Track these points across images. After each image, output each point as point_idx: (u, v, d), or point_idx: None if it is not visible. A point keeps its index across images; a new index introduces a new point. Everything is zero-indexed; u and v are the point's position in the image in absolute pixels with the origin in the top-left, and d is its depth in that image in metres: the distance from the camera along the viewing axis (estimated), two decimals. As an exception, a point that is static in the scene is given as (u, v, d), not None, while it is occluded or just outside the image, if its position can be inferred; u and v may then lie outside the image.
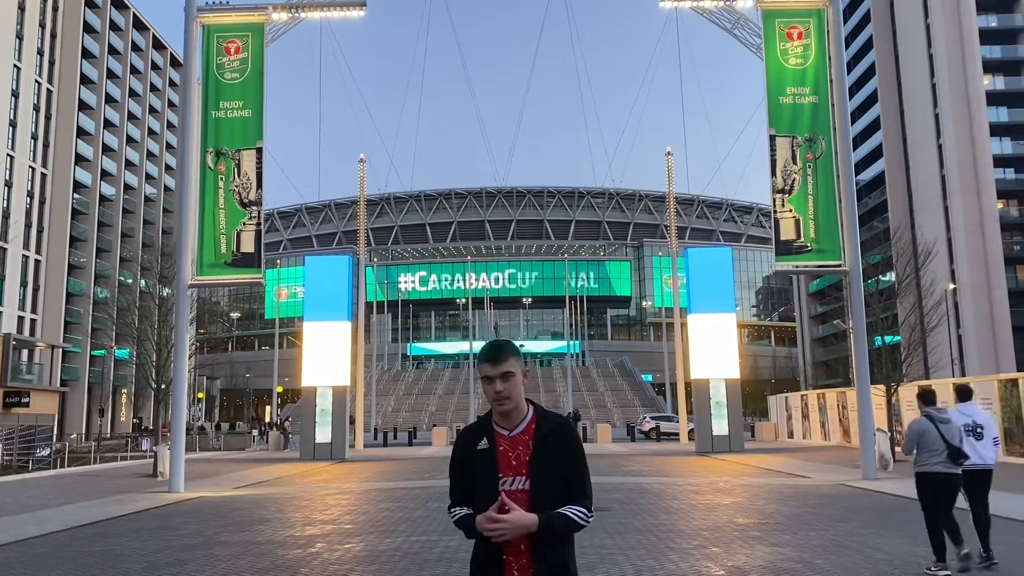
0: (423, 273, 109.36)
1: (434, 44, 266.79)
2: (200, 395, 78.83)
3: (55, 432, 39.05)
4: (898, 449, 24.68)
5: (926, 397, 8.92)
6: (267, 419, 76.63)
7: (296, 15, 22.82)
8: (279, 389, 65.70)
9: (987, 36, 67.28)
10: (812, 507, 14.18)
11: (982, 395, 24.68)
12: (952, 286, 59.48)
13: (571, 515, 3.01)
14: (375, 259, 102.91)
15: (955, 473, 8.46)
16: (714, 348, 32.44)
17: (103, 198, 79.41)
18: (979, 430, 9.02)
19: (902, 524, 11.97)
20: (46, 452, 30.52)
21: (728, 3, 23.81)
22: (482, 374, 3.09)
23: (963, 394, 9.47)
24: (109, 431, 72.12)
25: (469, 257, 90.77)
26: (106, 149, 79.94)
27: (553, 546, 3.02)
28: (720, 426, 31.92)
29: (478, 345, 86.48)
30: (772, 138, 21.15)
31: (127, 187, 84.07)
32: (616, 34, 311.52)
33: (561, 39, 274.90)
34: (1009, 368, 57.42)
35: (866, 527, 11.71)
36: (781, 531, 11.44)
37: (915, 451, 8.58)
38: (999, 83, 67.30)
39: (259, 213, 20.92)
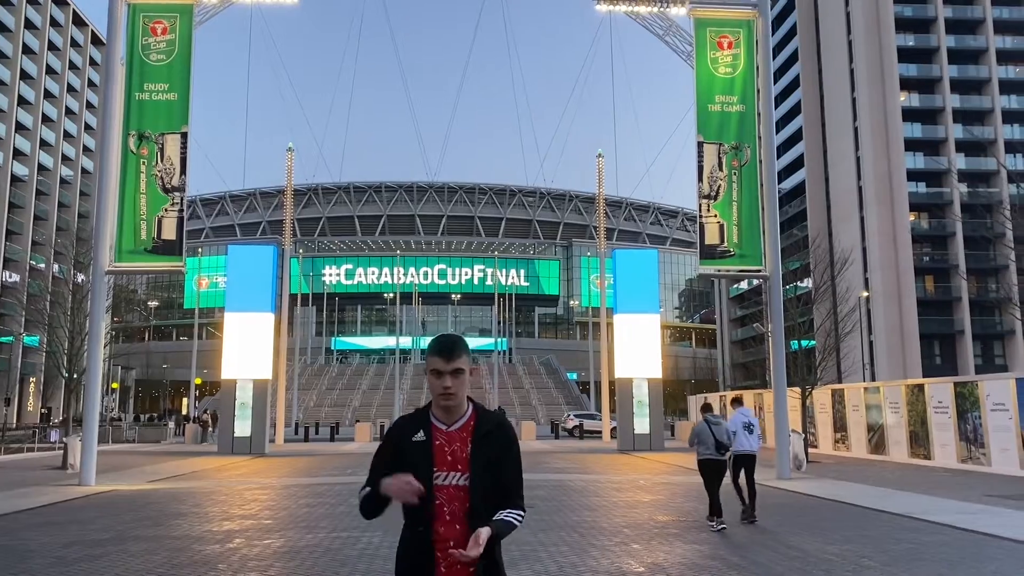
0: (350, 266, 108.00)
1: (368, 35, 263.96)
2: (115, 385, 76.29)
3: (-44, 421, 37.30)
4: (812, 450, 25.52)
5: (705, 407, 12.54)
6: (184, 411, 74.67)
7: (227, -2, 22.28)
8: (197, 381, 64.07)
9: (905, 54, 70.03)
10: (729, 505, 14.53)
11: (890, 399, 25.72)
12: (865, 294, 61.76)
13: (511, 519, 3.02)
14: (301, 250, 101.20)
15: (721, 459, 11.86)
16: (638, 348, 32.97)
17: (15, 178, 76.10)
18: (751, 427, 12.62)
19: (815, 522, 12.39)
20: (-54, 442, 29.14)
21: (662, 9, 24.22)
22: (431, 367, 3.06)
23: (737, 402, 13.48)
24: (15, 421, 69.21)
25: (398, 251, 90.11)
26: (19, 127, 76.62)
27: (491, 550, 3.00)
28: (642, 425, 32.46)
29: (405, 340, 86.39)
30: (700, 144, 21.59)
31: (41, 168, 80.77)
32: (552, 36, 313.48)
33: (497, 37, 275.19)
34: (915, 373, 59.95)
35: (780, 525, 12.08)
36: (699, 529, 11.71)
37: (696, 444, 11.98)
38: (915, 100, 70.12)
39: (182, 199, 20.35)
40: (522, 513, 3.08)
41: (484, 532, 2.88)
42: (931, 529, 11.44)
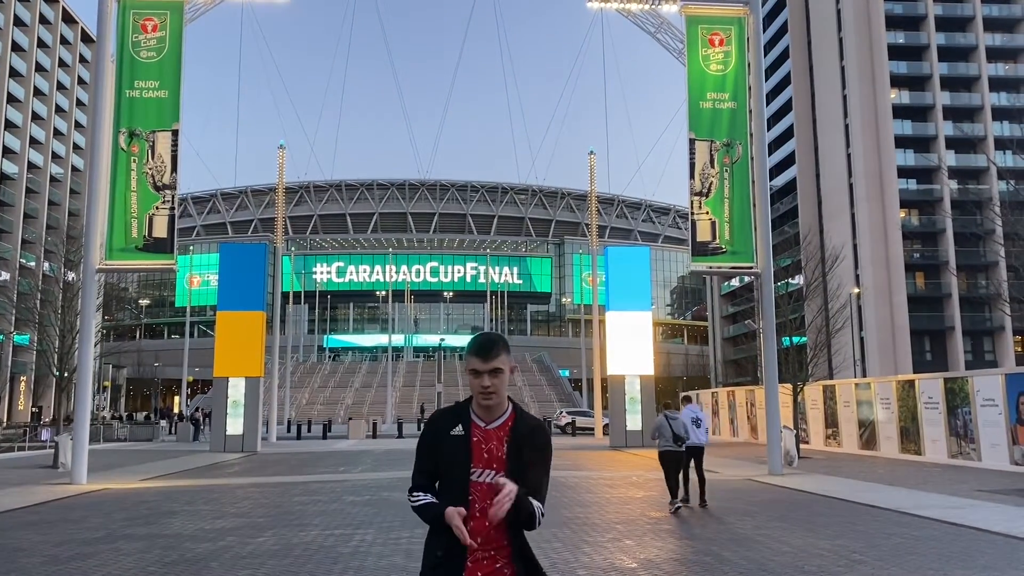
0: (342, 264, 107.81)
1: (360, 33, 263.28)
2: (106, 384, 76.01)
3: (-54, 421, 37.12)
4: (803, 446, 25.62)
5: (665, 405, 14.56)
6: (176, 409, 74.43)
7: (217, -5, 22.21)
8: (189, 379, 63.91)
9: (895, 52, 70.22)
10: (721, 501, 14.59)
11: (881, 395, 25.84)
12: (856, 290, 61.96)
13: (536, 510, 2.99)
14: (293, 248, 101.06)
15: (678, 450, 13.36)
16: (630, 345, 33.02)
17: (4, 176, 75.65)
18: (699, 422, 14.20)
19: (806, 518, 12.45)
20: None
21: (653, 7, 24.27)
22: (470, 367, 3.05)
23: (687, 400, 15.33)
24: (6, 420, 68.88)
25: (390, 249, 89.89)
26: (9, 125, 76.13)
27: (520, 539, 3.01)
28: (634, 421, 32.52)
29: (397, 338, 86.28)
30: (692, 141, 21.63)
31: (31, 165, 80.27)
32: (544, 34, 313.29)
33: (489, 35, 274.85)
34: (906, 369, 60.22)
35: (772, 521, 12.12)
36: (691, 524, 11.75)
37: (657, 437, 13.55)
38: (905, 97, 70.34)
39: (173, 197, 20.28)
40: (543, 512, 3.06)
41: (510, 485, 2.86)
42: (922, 524, 11.50)
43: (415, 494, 3.10)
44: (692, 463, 13.87)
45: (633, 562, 8.95)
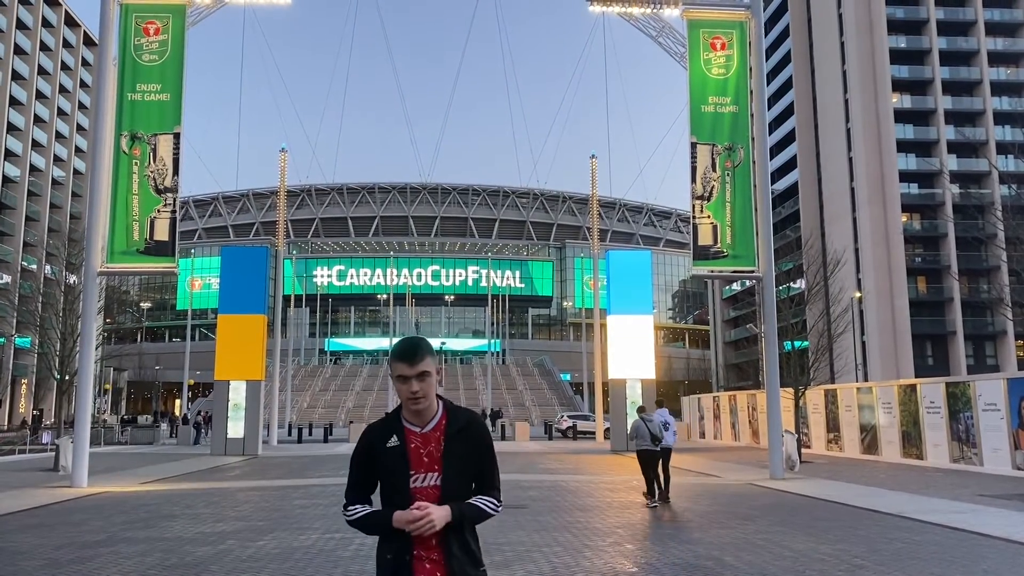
0: (343, 267, 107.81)
1: (361, 36, 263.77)
2: (107, 386, 76.02)
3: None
4: (804, 450, 25.58)
5: (640, 409, 16.02)
6: (177, 412, 74.43)
7: (220, -1, 22.25)
8: (190, 382, 63.92)
9: (897, 56, 70.27)
10: (722, 505, 14.56)
11: (883, 399, 25.80)
12: (858, 294, 61.95)
13: (482, 505, 3.06)
14: (294, 251, 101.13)
15: (655, 450, 14.73)
16: (631, 349, 32.99)
17: (6, 179, 75.77)
18: (667, 425, 15.43)
19: (808, 523, 12.42)
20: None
21: (655, 11, 24.27)
22: (396, 373, 3.03)
23: (660, 404, 16.75)
24: (7, 423, 68.89)
25: (391, 252, 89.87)
26: (11, 128, 76.30)
27: (462, 536, 3.02)
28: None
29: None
30: (693, 145, 21.62)
31: (33, 168, 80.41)
32: (546, 37, 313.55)
33: (491, 38, 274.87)
34: (908, 373, 60.14)
35: (773, 525, 12.09)
36: (692, 529, 11.72)
37: (635, 438, 14.90)
38: (907, 101, 70.34)
39: (174, 200, 20.29)
40: (495, 502, 3.10)
41: (435, 510, 2.91)
42: (924, 529, 11.47)
43: (351, 508, 3.10)
44: (661, 463, 15.14)
45: (634, 567, 8.93)
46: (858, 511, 13.54)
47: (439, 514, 2.92)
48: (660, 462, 14.93)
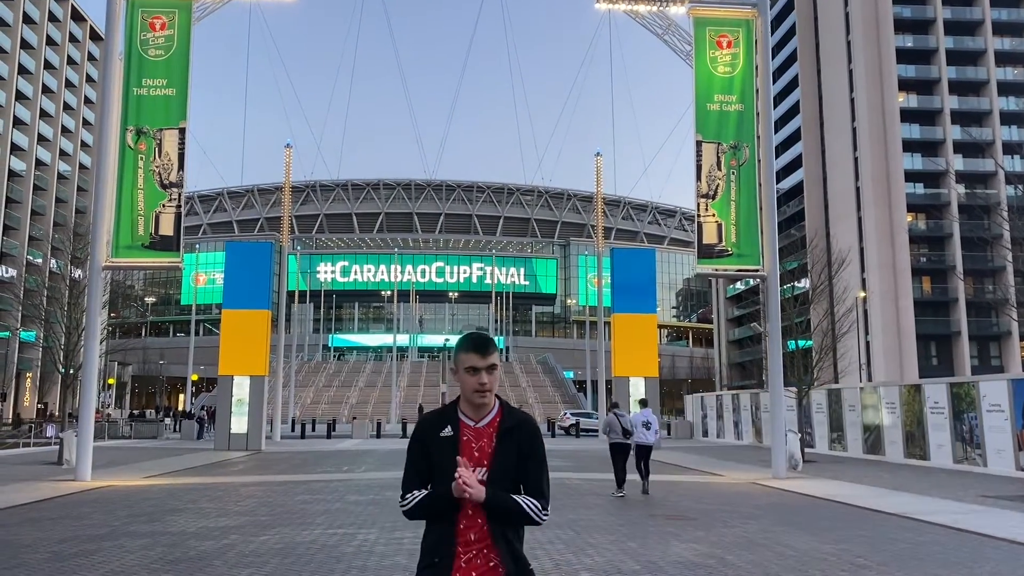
0: (347, 263, 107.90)
1: (367, 33, 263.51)
2: (111, 381, 76.19)
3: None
4: (808, 450, 25.55)
5: (615, 405, 17.45)
6: (181, 407, 74.59)
7: (226, -6, 22.25)
8: (194, 377, 64.03)
9: (903, 55, 70.04)
10: (725, 504, 14.56)
11: (887, 400, 25.76)
12: (863, 294, 61.78)
13: (523, 502, 3.03)
14: (298, 247, 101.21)
15: (626, 443, 15.93)
16: (635, 347, 33.00)
17: (12, 173, 75.94)
18: (650, 424, 16.29)
19: (810, 522, 12.41)
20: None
21: (661, 8, 24.22)
22: (467, 364, 3.06)
23: (642, 403, 17.60)
24: (11, 417, 69.08)
25: (396, 249, 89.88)
26: (17, 122, 76.45)
27: (510, 539, 3.02)
28: (639, 424, 32.46)
29: (402, 338, 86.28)
30: (699, 143, 21.59)
31: (39, 163, 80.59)
32: (551, 34, 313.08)
33: (496, 36, 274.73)
34: (912, 374, 60.02)
35: (776, 524, 12.09)
36: (695, 527, 11.72)
37: (608, 432, 16.13)
38: (913, 101, 70.12)
39: (179, 195, 20.33)
40: (539, 507, 3.05)
41: (478, 487, 2.93)
42: (927, 529, 11.46)
43: (406, 496, 3.12)
44: (642, 460, 16.21)
45: (636, 564, 8.93)
46: (861, 511, 13.53)
47: (478, 486, 2.94)
48: (641, 458, 16.11)
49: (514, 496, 3.04)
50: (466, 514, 3.01)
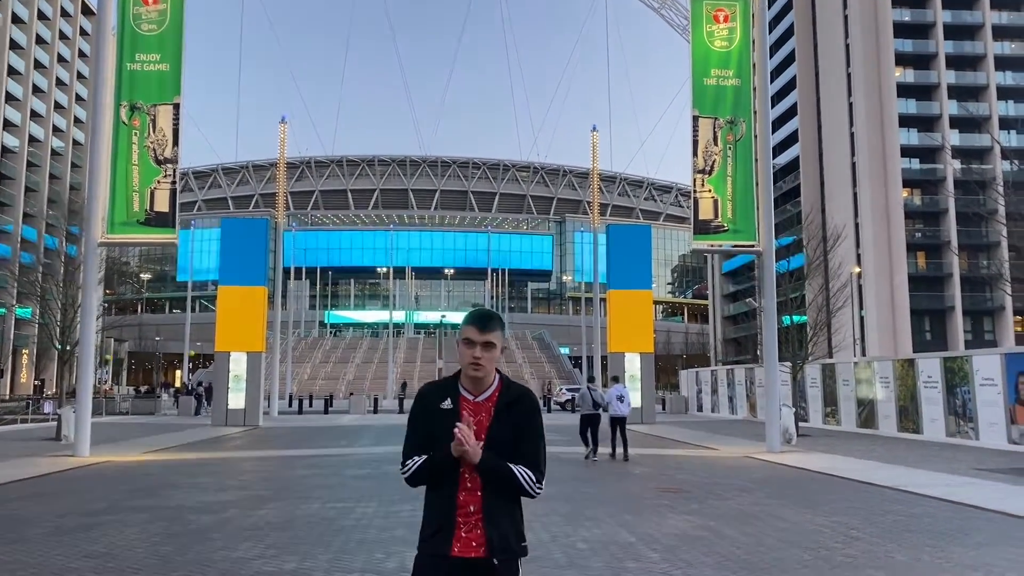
0: (343, 240, 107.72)
1: (362, 7, 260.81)
2: (107, 357, 76.23)
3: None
4: (802, 424, 25.73)
5: (590, 379, 23.71)
6: (177, 383, 74.70)
7: (218, -33, 22.00)
8: (191, 353, 64.06)
9: (900, 29, 69.66)
10: (719, 477, 14.69)
11: (881, 374, 25.91)
12: (857, 270, 61.90)
13: (517, 471, 3.08)
14: (294, 224, 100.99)
15: (596, 414, 17.83)
16: (631, 323, 33.06)
17: (5, 149, 75.46)
18: (623, 398, 18.09)
19: (804, 495, 12.53)
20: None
21: (658, -18, 24.01)
22: (464, 336, 3.13)
23: (615, 379, 19.88)
24: (8, 393, 69.19)
25: (391, 225, 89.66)
26: (9, 98, 75.79)
27: (503, 512, 3.09)
28: (634, 399, 32.59)
29: (398, 315, 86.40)
30: (695, 118, 21.52)
31: (32, 139, 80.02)
32: (547, 9, 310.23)
33: (492, 10, 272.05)
34: (906, 348, 60.31)
35: (770, 497, 12.21)
36: (690, 500, 11.83)
37: (580, 404, 18.06)
38: (909, 76, 69.86)
39: (174, 171, 20.22)
40: (533, 478, 3.10)
41: (475, 444, 3.00)
42: (919, 501, 11.58)
43: (406, 463, 3.17)
44: (619, 429, 17.95)
45: (632, 536, 9.02)
46: (855, 484, 13.66)
47: (474, 443, 3.01)
48: (618, 428, 17.89)
49: (510, 464, 3.08)
50: (464, 486, 3.07)
